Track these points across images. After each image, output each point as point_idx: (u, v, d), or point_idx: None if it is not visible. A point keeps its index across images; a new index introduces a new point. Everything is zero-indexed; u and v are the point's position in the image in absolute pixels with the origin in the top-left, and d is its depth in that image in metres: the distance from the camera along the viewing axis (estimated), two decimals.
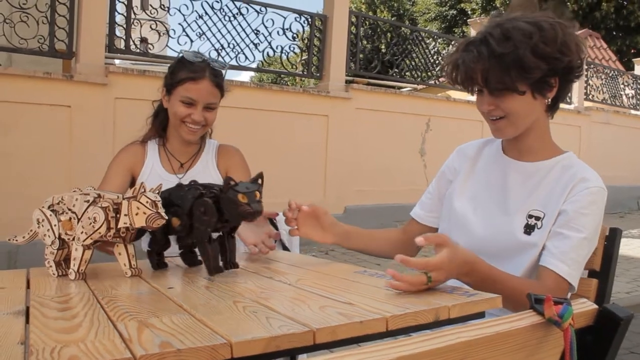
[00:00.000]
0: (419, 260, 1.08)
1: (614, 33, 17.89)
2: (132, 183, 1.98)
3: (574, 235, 1.32)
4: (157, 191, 1.27)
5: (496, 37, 1.32)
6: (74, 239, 1.27)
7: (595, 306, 0.82)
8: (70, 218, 1.28)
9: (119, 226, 1.23)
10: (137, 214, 1.21)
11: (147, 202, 1.21)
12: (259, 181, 1.32)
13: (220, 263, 1.32)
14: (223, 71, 1.96)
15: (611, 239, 1.41)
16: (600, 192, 1.37)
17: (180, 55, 1.96)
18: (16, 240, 1.46)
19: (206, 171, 2.02)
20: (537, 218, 1.39)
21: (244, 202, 1.24)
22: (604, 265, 1.41)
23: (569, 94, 9.14)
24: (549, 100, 1.41)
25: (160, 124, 2.03)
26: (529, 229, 1.39)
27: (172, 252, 1.89)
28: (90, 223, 1.22)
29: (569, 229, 1.33)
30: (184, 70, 1.89)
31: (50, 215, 1.31)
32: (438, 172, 1.69)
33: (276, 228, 2.16)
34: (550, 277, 1.31)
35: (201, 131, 1.95)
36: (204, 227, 1.28)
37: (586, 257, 1.35)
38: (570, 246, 1.32)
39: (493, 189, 1.49)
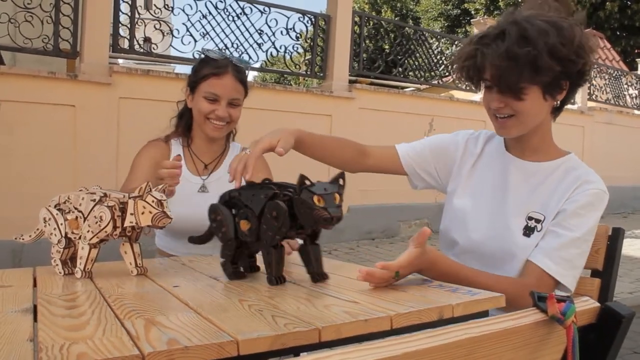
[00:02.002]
0: (395, 264, 1.13)
1: (618, 33, 17.86)
2: None
3: (564, 233, 1.32)
4: (163, 191, 1.28)
5: (513, 35, 1.28)
6: (80, 238, 1.28)
7: (598, 304, 0.83)
8: (76, 217, 1.29)
9: (125, 225, 1.24)
10: (143, 213, 1.22)
11: (153, 201, 1.22)
12: (340, 182, 1.14)
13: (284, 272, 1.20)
14: (246, 69, 1.95)
15: (614, 239, 1.41)
16: (600, 194, 1.36)
17: (203, 54, 1.96)
18: (22, 239, 1.47)
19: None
20: (537, 221, 1.38)
21: (319, 206, 1.06)
22: (607, 264, 1.41)
23: None
24: (558, 102, 1.40)
25: (185, 125, 2.00)
26: (528, 231, 1.38)
27: (177, 251, 1.90)
28: (97, 222, 1.23)
29: (561, 227, 1.33)
30: (207, 67, 1.89)
31: (57, 214, 1.32)
32: (440, 139, 1.63)
33: None
34: (533, 272, 1.31)
35: (226, 128, 1.93)
36: (273, 232, 1.14)
37: (579, 257, 1.34)
38: (560, 244, 1.32)
39: (494, 186, 1.48)
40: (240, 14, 6.03)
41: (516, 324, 0.71)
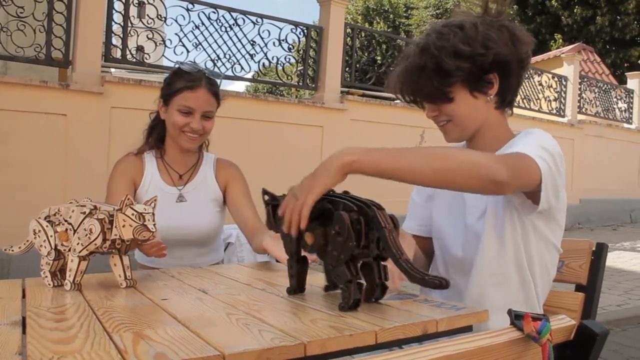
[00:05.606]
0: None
1: (608, 47, 17.99)
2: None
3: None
4: (152, 204, 1.29)
5: (414, 50, 1.34)
6: (70, 250, 1.28)
7: (573, 322, 0.85)
8: (66, 229, 1.29)
9: (108, 238, 1.25)
10: (124, 226, 1.23)
11: (132, 214, 1.23)
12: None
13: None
14: (218, 80, 1.99)
15: (597, 254, 1.44)
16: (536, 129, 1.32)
17: (177, 66, 1.98)
18: (12, 251, 1.48)
19: (205, 183, 2.02)
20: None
21: None
22: (591, 279, 1.43)
23: (558, 99, 9.21)
24: (491, 97, 1.35)
25: (157, 136, 2.03)
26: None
27: (157, 263, 1.90)
28: (87, 234, 1.24)
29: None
30: (180, 80, 1.91)
31: (47, 226, 1.33)
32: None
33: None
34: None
35: (200, 140, 1.97)
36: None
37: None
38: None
39: (452, 194, 1.43)
40: (233, 24, 6.07)
41: (493, 342, 0.73)
